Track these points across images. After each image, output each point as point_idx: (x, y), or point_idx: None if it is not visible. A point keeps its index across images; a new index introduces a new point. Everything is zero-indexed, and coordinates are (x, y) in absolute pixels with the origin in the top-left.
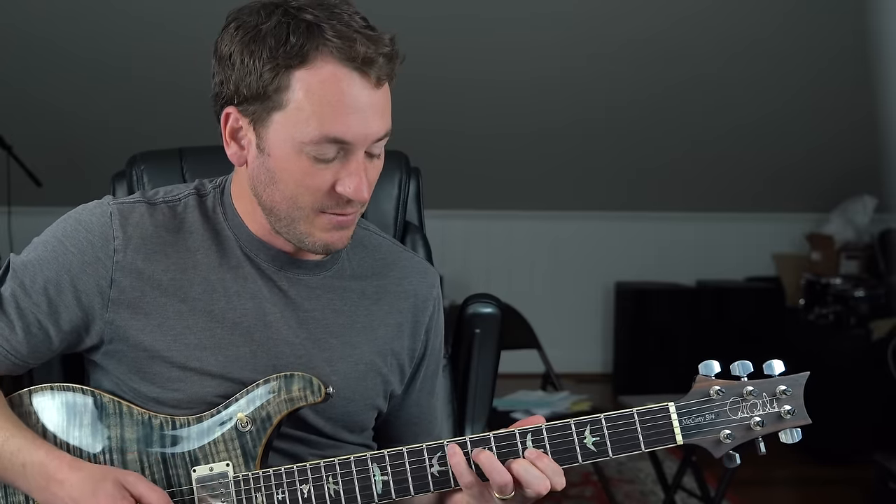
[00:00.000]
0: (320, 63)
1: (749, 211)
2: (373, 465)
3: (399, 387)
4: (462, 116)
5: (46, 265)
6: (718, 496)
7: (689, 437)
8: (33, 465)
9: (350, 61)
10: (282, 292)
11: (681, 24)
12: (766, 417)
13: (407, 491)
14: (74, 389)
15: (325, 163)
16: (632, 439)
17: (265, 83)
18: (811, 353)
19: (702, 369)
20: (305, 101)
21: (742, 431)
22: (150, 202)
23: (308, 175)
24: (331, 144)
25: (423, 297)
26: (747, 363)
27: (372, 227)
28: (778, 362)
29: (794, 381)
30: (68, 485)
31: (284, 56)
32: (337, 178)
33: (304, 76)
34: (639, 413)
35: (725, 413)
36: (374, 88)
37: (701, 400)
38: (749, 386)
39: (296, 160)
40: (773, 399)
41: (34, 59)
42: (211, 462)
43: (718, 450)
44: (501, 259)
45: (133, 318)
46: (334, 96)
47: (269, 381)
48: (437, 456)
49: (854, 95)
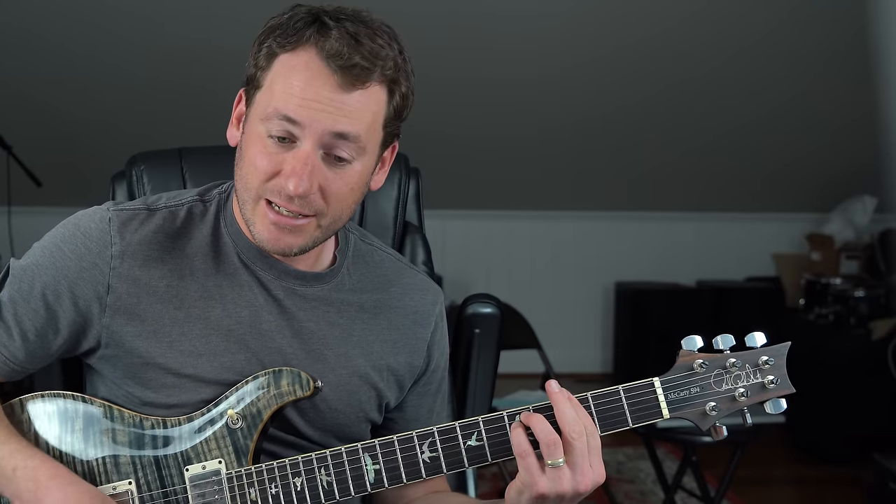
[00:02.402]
0: (301, 51)
1: (749, 211)
2: (364, 454)
3: (395, 401)
4: (462, 116)
5: (45, 271)
6: (718, 496)
7: (676, 410)
8: (25, 469)
9: (325, 56)
10: (277, 302)
11: (683, 24)
12: (750, 388)
13: (399, 479)
14: (65, 396)
15: (277, 147)
16: (619, 416)
17: (258, 65)
18: (811, 353)
19: (684, 344)
20: (278, 81)
21: (727, 403)
22: (150, 208)
23: (261, 155)
24: (281, 122)
25: (425, 314)
26: (729, 336)
27: (377, 243)
28: (759, 334)
29: (776, 351)
30: (62, 495)
31: (278, 43)
32: (283, 167)
33: (284, 59)
34: (625, 390)
35: (710, 386)
36: (341, 89)
37: (685, 374)
38: (732, 358)
39: (255, 137)
40: (756, 370)
41: (34, 60)
42: (203, 461)
43: (705, 422)
44: (501, 259)
45: (129, 325)
46: (297, 81)
47: (257, 377)
48: (428, 442)
49: (854, 94)
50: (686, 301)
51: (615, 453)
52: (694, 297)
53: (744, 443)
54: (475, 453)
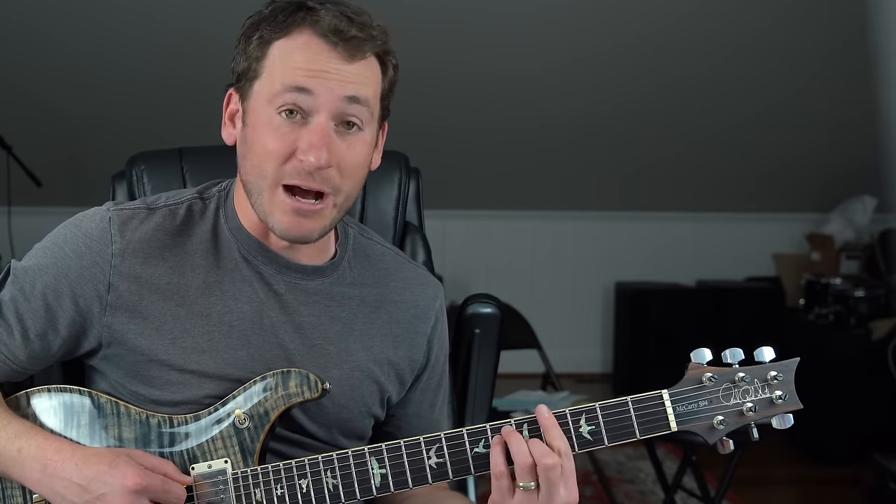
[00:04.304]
0: (296, 34)
1: (749, 211)
2: (371, 458)
3: (397, 396)
4: (462, 116)
5: (45, 271)
6: (718, 496)
7: (683, 423)
8: (30, 448)
9: (323, 34)
10: (279, 296)
11: (681, 21)
12: (758, 403)
13: (405, 484)
14: (72, 391)
15: (289, 124)
16: (626, 427)
17: (251, 58)
18: (811, 353)
19: (694, 357)
20: (277, 62)
21: (735, 417)
22: (150, 207)
23: (273, 139)
24: (292, 94)
25: (425, 308)
26: (738, 350)
27: (376, 238)
28: (768, 349)
29: (785, 367)
30: (73, 465)
31: (269, 31)
32: (299, 144)
33: (280, 44)
34: (633, 401)
35: (718, 399)
36: (345, 61)
37: (694, 387)
38: (741, 372)
39: (266, 122)
40: (764, 385)
41: (34, 59)
42: (209, 459)
43: (712, 436)
44: (501, 259)
45: (131, 322)
46: (303, 57)
47: (265, 377)
48: (435, 448)
49: (854, 94)
50: (686, 301)
51: (615, 453)
52: (694, 298)
53: (744, 443)
54: (482, 460)
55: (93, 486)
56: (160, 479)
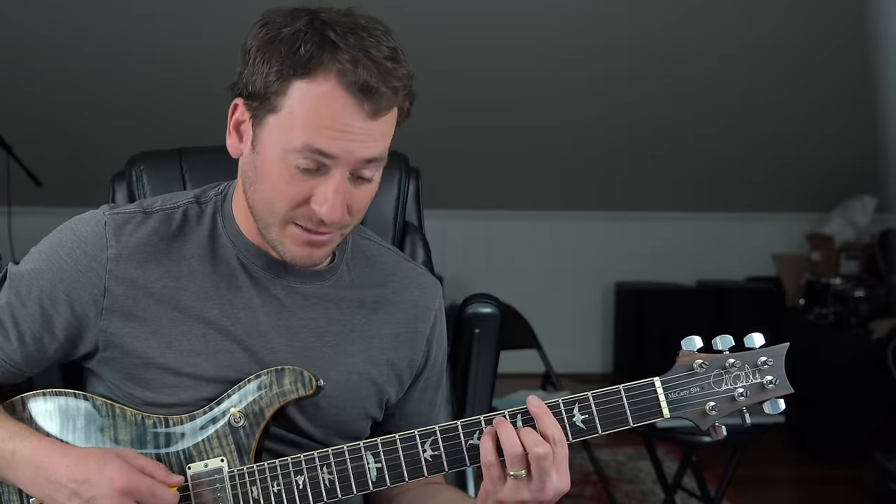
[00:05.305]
0: (321, 79)
1: (749, 210)
2: (366, 453)
3: (396, 396)
4: (462, 116)
5: (41, 275)
6: (718, 496)
7: (676, 410)
8: (24, 450)
9: (350, 85)
10: (277, 301)
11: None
12: (749, 388)
13: (401, 477)
14: (67, 394)
15: (305, 174)
16: (619, 415)
17: (268, 85)
18: (811, 353)
19: (684, 344)
20: (298, 109)
21: (727, 403)
22: (146, 211)
23: (287, 182)
24: (313, 155)
25: (424, 308)
26: (728, 337)
27: (374, 238)
28: (758, 335)
29: (775, 352)
30: (64, 466)
31: (290, 64)
32: (313, 194)
33: (302, 87)
34: (625, 389)
35: (710, 385)
36: (369, 118)
37: (685, 374)
38: (731, 358)
39: (278, 165)
40: (755, 370)
41: (34, 59)
42: (205, 458)
43: (704, 422)
44: (501, 259)
45: (127, 326)
46: (326, 113)
47: (259, 376)
48: (430, 441)
49: (854, 94)
50: (686, 301)
51: (615, 453)
52: (694, 298)
53: (744, 443)
54: (477, 452)
55: (82, 489)
56: (147, 482)
